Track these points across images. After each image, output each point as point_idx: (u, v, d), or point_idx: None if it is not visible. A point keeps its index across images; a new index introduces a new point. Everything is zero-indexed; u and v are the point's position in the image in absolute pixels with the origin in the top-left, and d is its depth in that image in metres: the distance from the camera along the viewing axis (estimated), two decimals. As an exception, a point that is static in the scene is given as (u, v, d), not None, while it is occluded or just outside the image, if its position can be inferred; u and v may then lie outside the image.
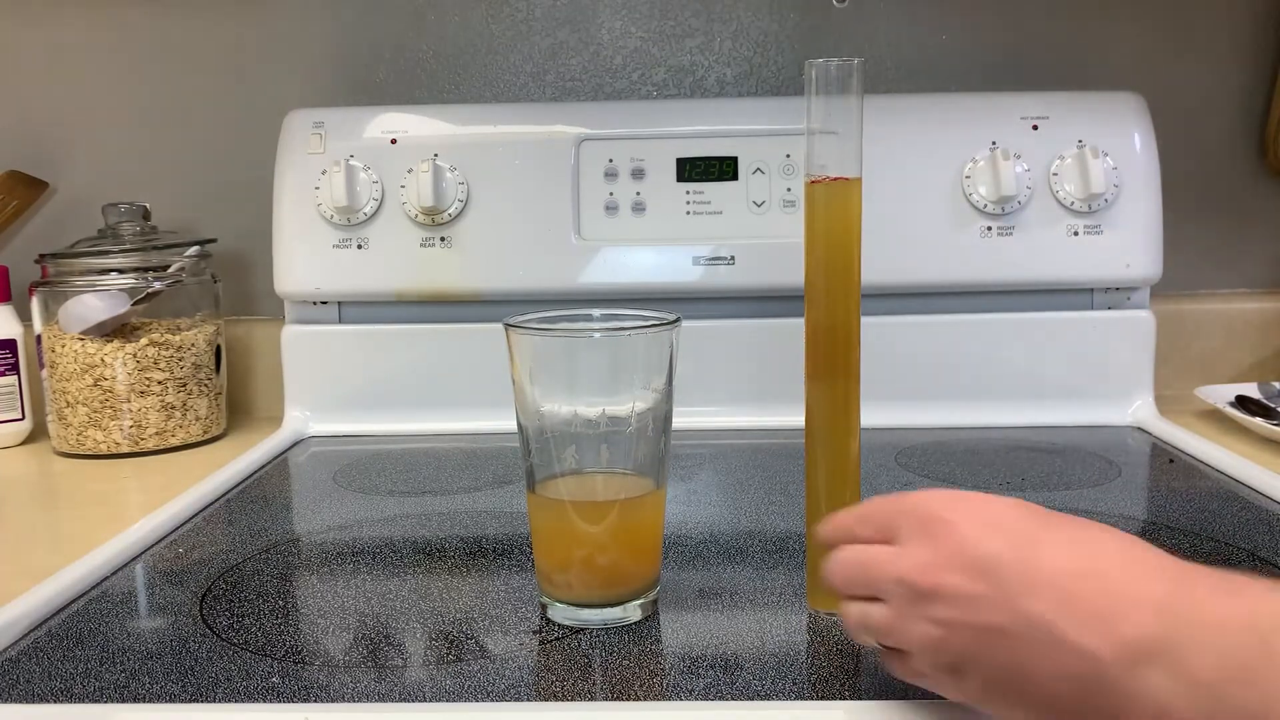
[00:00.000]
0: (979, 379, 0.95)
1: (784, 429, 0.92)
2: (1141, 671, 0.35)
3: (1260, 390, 0.97)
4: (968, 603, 0.40)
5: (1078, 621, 0.37)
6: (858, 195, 0.55)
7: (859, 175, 0.55)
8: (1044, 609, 0.38)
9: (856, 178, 0.55)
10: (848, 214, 0.55)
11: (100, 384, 0.92)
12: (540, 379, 0.54)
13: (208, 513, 0.76)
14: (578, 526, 0.54)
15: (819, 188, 0.55)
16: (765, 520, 0.71)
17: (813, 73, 0.54)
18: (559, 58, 1.07)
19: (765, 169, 0.94)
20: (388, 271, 0.95)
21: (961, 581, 0.40)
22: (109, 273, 0.94)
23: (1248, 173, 1.07)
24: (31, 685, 0.50)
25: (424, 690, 0.49)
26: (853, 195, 0.55)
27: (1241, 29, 1.05)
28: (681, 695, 0.47)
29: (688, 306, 0.93)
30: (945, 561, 0.40)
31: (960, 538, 0.41)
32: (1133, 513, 0.73)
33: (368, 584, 0.62)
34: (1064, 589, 0.38)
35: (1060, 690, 0.37)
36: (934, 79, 1.05)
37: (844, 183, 0.55)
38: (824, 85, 0.54)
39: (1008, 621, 0.38)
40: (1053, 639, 0.37)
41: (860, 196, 0.55)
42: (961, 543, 0.40)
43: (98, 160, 1.09)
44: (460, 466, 0.87)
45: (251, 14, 1.06)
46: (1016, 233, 0.93)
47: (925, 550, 0.41)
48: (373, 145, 0.96)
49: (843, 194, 0.55)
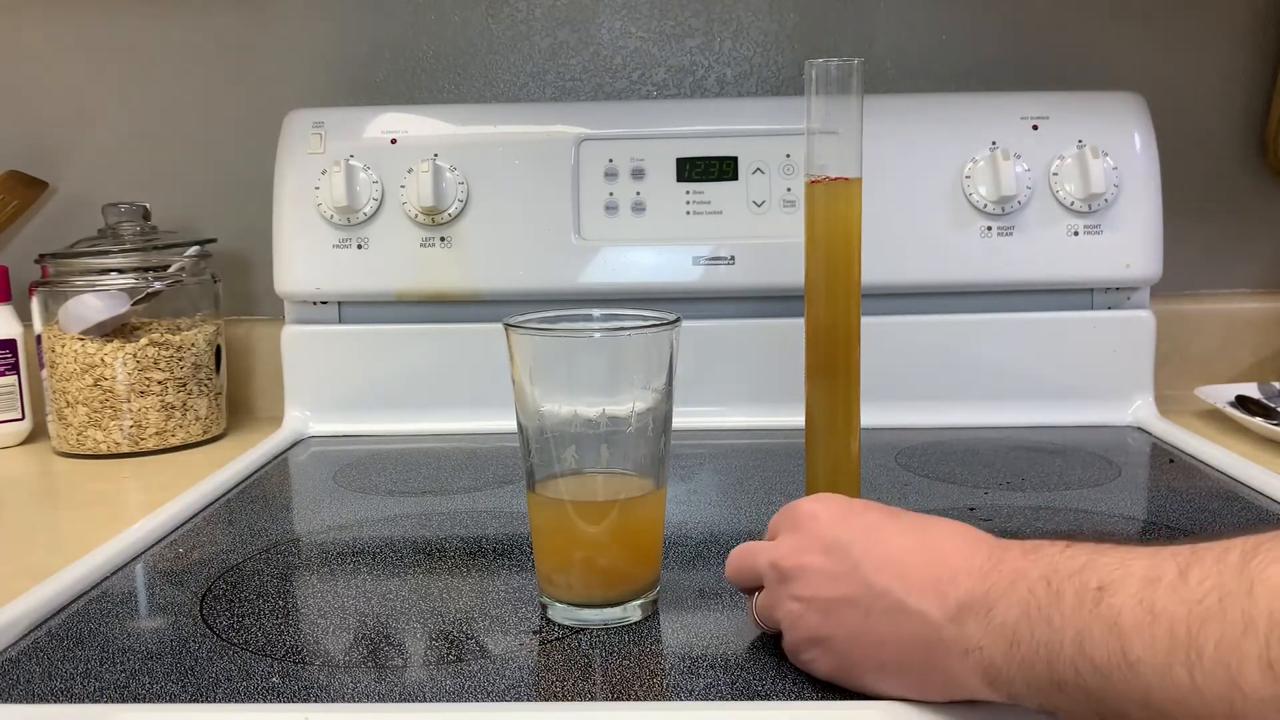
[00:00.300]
0: (979, 379, 0.95)
1: (784, 429, 0.92)
2: (963, 625, 0.41)
3: (1260, 390, 0.97)
4: (824, 578, 0.46)
5: (915, 589, 0.43)
6: (858, 195, 0.55)
7: (859, 175, 0.55)
8: (887, 580, 0.44)
9: (856, 178, 0.55)
10: (848, 214, 0.55)
11: (100, 384, 0.92)
12: (540, 379, 0.54)
13: (208, 513, 0.76)
14: (578, 526, 0.54)
15: (819, 188, 0.55)
16: (765, 520, 0.70)
17: (813, 73, 0.54)
18: (559, 58, 1.07)
19: (765, 169, 0.94)
20: (388, 271, 0.95)
21: (819, 560, 0.46)
22: (109, 273, 0.94)
23: (1248, 173, 1.07)
24: (31, 685, 0.50)
25: (424, 690, 0.49)
26: (853, 195, 0.55)
27: (1241, 29, 1.04)
28: (681, 695, 0.47)
29: (688, 306, 0.93)
30: (806, 545, 0.47)
31: (820, 525, 0.48)
32: (1133, 513, 0.72)
33: (368, 584, 0.62)
34: (903, 563, 0.44)
35: (905, 652, 0.43)
36: (934, 79, 1.05)
37: (844, 183, 0.55)
38: (824, 85, 0.54)
39: (857, 592, 0.44)
40: (897, 605, 0.43)
41: (860, 196, 0.55)
42: (820, 529, 0.47)
43: (98, 160, 1.09)
44: (460, 466, 0.87)
45: (251, 14, 1.06)
46: (1016, 233, 0.93)
47: (792, 538, 0.49)
48: (373, 145, 0.96)
49: (843, 194, 0.55)
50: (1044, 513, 0.71)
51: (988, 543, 0.44)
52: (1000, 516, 0.70)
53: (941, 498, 0.74)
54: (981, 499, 0.73)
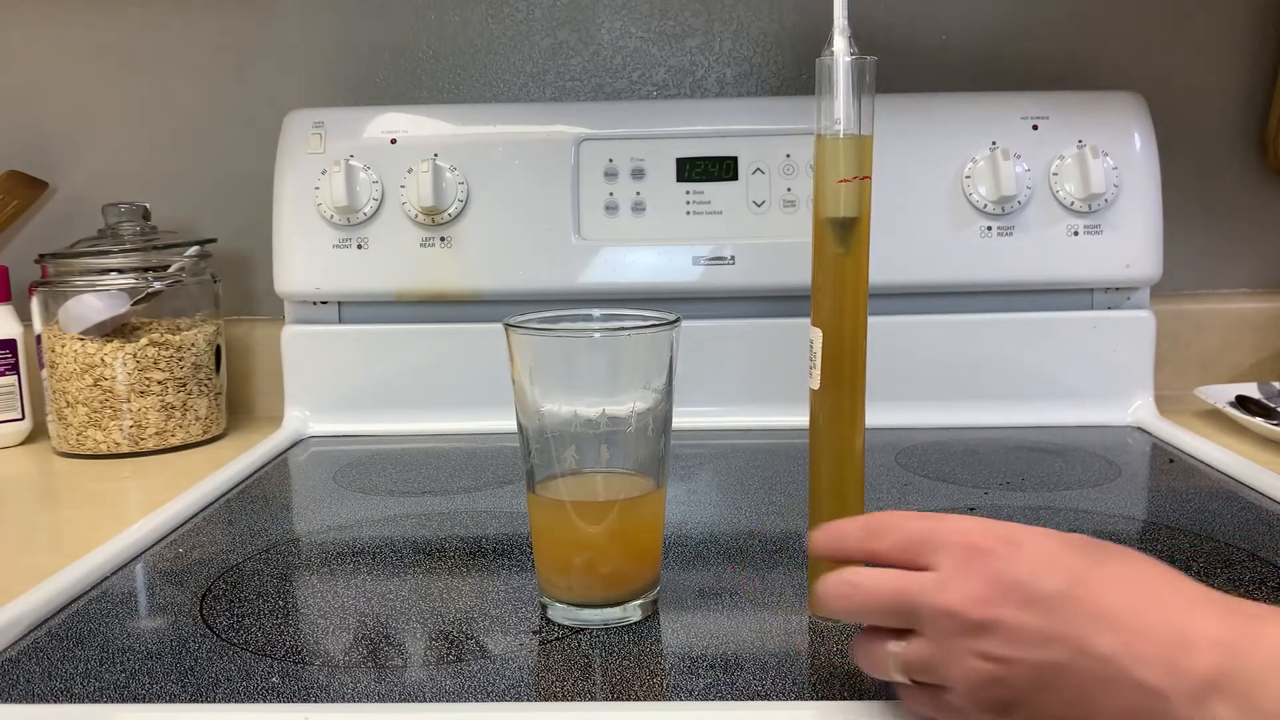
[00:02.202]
0: (979, 379, 0.95)
1: (784, 429, 0.92)
2: (1208, 707, 0.35)
3: (1260, 390, 0.97)
4: (1026, 638, 0.38)
5: (1144, 658, 0.37)
6: (867, 194, 0.55)
7: (869, 174, 0.55)
8: (1111, 646, 0.37)
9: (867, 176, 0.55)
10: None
11: (100, 384, 0.92)
12: (540, 379, 0.54)
13: (208, 513, 0.76)
14: (578, 527, 0.54)
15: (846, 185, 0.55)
16: (765, 520, 0.71)
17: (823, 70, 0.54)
18: (559, 58, 1.07)
19: (765, 169, 0.94)
20: (388, 271, 0.95)
21: (1020, 616, 0.39)
22: (109, 273, 0.94)
23: (1248, 173, 1.07)
24: (31, 685, 0.50)
25: (424, 690, 0.49)
26: (863, 195, 0.55)
27: (1241, 29, 1.04)
28: (681, 695, 0.47)
29: (688, 306, 0.93)
30: (1001, 595, 0.39)
31: (1015, 572, 0.39)
32: (1133, 513, 0.73)
33: (368, 584, 0.62)
34: (1129, 626, 0.37)
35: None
36: (934, 79, 1.05)
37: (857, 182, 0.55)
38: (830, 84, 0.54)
39: (1071, 658, 0.38)
40: (1119, 676, 0.37)
41: (870, 195, 0.55)
42: (1017, 576, 0.39)
43: (98, 160, 1.09)
44: (460, 466, 0.87)
45: (251, 14, 1.06)
46: (1016, 233, 0.93)
47: (974, 582, 0.40)
48: (373, 145, 0.96)
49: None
50: (1044, 512, 0.71)
51: (1223, 604, 0.38)
52: (1000, 516, 0.69)
53: (942, 498, 0.74)
54: (981, 499, 0.73)
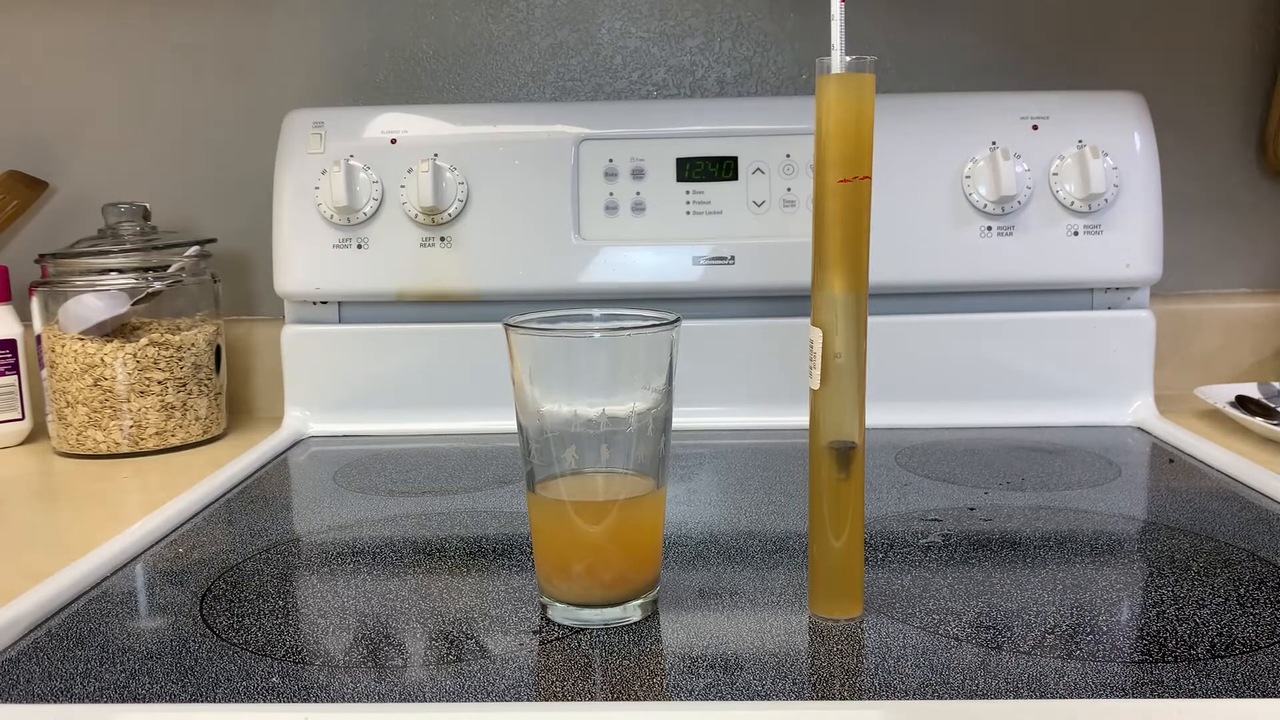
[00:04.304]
0: (979, 379, 0.95)
1: (784, 429, 0.92)
2: None
3: (1260, 390, 0.97)
4: None
5: None
6: (868, 194, 0.55)
7: (869, 175, 0.55)
8: None
9: (867, 177, 0.55)
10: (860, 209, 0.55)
11: (100, 384, 0.92)
12: (540, 379, 0.54)
13: (208, 513, 0.76)
14: (578, 526, 0.54)
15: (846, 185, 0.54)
16: (765, 520, 0.71)
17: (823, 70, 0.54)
18: (559, 58, 1.07)
19: (765, 169, 0.94)
20: (388, 271, 0.95)
21: None
22: (109, 273, 0.94)
23: (1248, 172, 1.07)
24: (31, 685, 0.50)
25: (424, 690, 0.49)
26: (863, 195, 0.55)
27: (1241, 29, 1.05)
28: (681, 695, 0.47)
29: (688, 306, 0.93)
30: None
31: None
32: (1133, 513, 0.73)
33: (368, 584, 0.62)
34: None
35: None
36: (934, 79, 1.05)
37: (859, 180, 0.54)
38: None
39: None
40: None
41: (870, 195, 0.55)
42: None
43: (98, 160, 1.09)
44: (460, 466, 0.87)
45: (251, 14, 1.06)
46: (1016, 233, 0.93)
47: None
48: (373, 145, 0.96)
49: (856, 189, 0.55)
50: (1044, 513, 0.71)
51: None
52: (1000, 516, 0.70)
53: (941, 498, 0.74)
54: (981, 499, 0.73)
